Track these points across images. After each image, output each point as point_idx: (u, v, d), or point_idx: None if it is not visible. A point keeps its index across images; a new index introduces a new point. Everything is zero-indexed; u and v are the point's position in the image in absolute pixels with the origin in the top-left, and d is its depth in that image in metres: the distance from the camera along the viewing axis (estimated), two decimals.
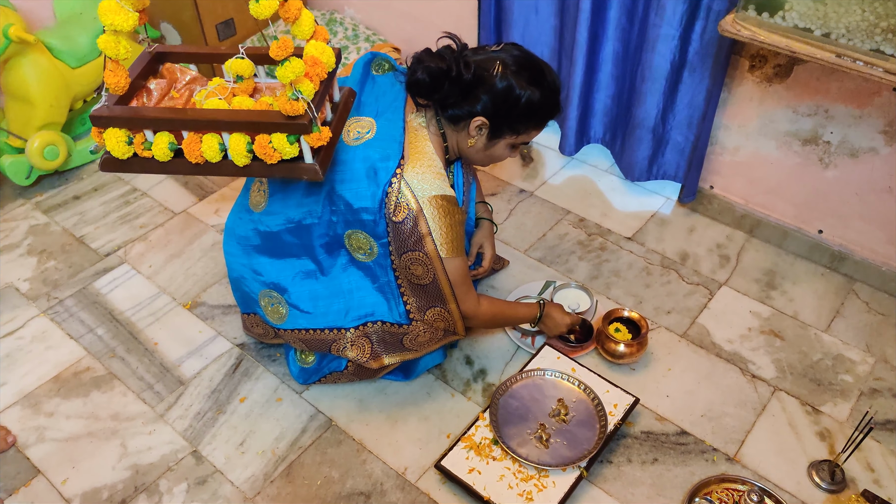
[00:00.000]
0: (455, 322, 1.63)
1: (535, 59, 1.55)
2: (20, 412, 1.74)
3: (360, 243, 1.55)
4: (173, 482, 1.61)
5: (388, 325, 1.62)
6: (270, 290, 1.66)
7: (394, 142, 1.51)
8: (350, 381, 1.78)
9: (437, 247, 1.50)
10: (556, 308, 1.82)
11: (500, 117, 1.52)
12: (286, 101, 1.29)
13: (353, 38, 2.67)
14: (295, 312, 1.65)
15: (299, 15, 1.32)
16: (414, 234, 1.48)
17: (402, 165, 1.48)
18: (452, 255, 1.53)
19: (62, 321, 1.96)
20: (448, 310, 1.60)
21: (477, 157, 1.64)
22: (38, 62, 2.20)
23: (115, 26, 1.26)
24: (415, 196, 1.47)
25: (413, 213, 1.47)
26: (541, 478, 1.56)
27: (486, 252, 1.90)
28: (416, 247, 1.50)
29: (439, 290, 1.57)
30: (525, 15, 2.23)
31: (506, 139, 1.58)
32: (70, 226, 2.25)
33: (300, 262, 1.64)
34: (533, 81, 1.50)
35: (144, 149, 1.39)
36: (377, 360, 1.66)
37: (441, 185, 1.50)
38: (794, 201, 2.09)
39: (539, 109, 1.54)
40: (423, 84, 1.50)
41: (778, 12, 1.59)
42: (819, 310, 1.99)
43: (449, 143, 1.60)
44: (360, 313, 1.62)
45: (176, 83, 1.53)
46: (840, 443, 1.67)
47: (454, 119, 1.55)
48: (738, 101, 2.02)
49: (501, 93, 1.49)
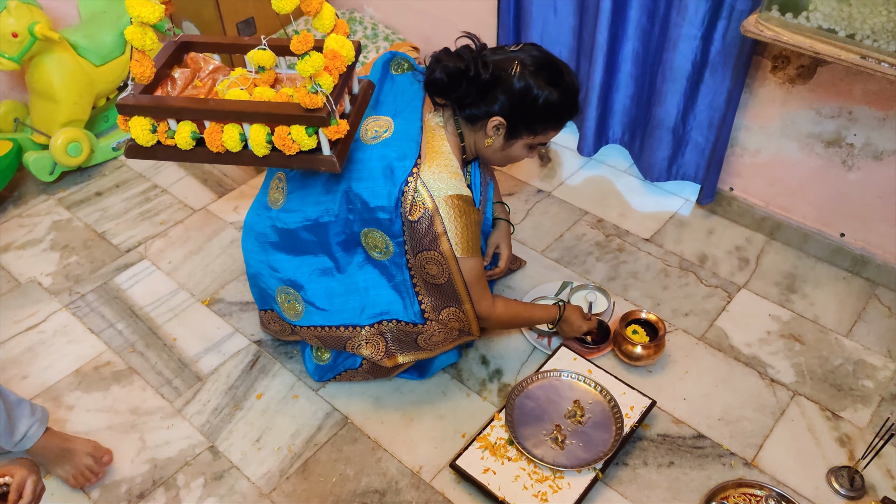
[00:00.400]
0: (470, 322, 1.63)
1: (554, 60, 1.53)
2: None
3: (375, 242, 1.55)
4: (190, 477, 1.63)
5: (403, 324, 1.62)
6: (287, 286, 1.67)
7: (411, 141, 1.51)
8: (365, 379, 1.78)
9: (453, 246, 1.50)
10: (574, 311, 1.81)
11: (518, 117, 1.52)
12: (305, 93, 1.31)
13: (372, 38, 2.68)
14: (311, 309, 1.66)
15: (321, 8, 1.33)
16: (430, 234, 1.49)
17: (419, 165, 1.48)
18: (468, 255, 1.53)
19: (83, 316, 1.98)
20: (463, 310, 1.60)
21: (494, 158, 1.63)
22: (62, 60, 2.23)
23: (142, 18, 1.29)
24: (431, 195, 1.47)
25: (429, 213, 1.47)
26: (556, 479, 1.56)
27: (503, 252, 1.89)
28: (431, 246, 1.50)
29: (454, 290, 1.57)
30: (544, 14, 2.22)
31: (523, 139, 1.57)
32: (92, 221, 2.28)
33: (317, 260, 1.65)
34: (551, 82, 1.49)
35: (168, 137, 1.43)
36: (391, 359, 1.66)
37: (457, 184, 1.50)
38: (816, 204, 2.06)
39: (557, 110, 1.53)
40: (440, 83, 1.50)
41: (802, 13, 1.57)
42: (840, 314, 1.96)
43: (466, 142, 1.60)
44: (375, 311, 1.63)
45: (199, 72, 1.56)
46: (860, 449, 1.65)
47: (472, 119, 1.55)
48: (759, 102, 2.00)
49: (519, 93, 1.48)
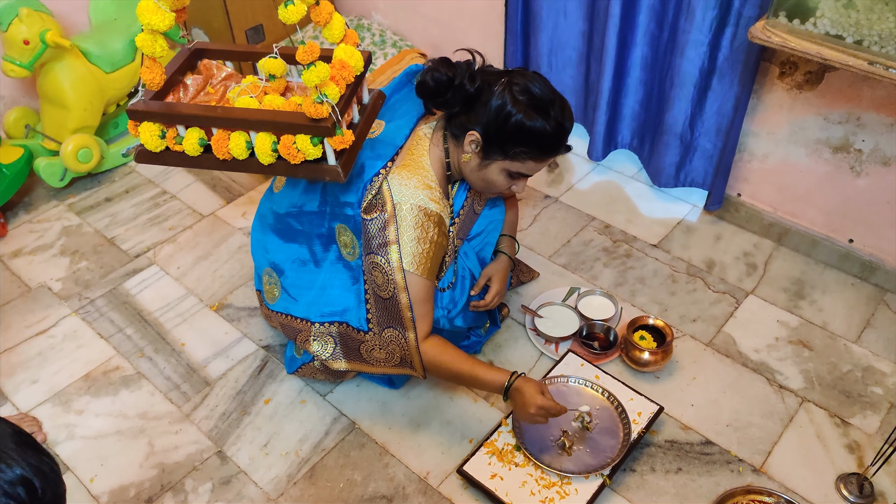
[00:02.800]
0: (412, 356, 1.55)
1: (549, 92, 1.47)
2: (51, 409, 1.78)
3: (345, 240, 1.57)
4: (198, 481, 1.63)
5: (351, 329, 1.62)
6: (271, 269, 1.73)
7: (390, 145, 1.53)
8: (325, 378, 1.80)
9: (402, 259, 1.47)
10: (531, 384, 1.52)
11: (491, 135, 1.47)
12: (311, 103, 1.32)
13: (380, 44, 2.69)
14: (285, 295, 1.71)
15: (330, 19, 1.34)
16: (379, 237, 1.48)
17: (389, 167, 1.50)
18: (414, 271, 1.49)
19: (93, 321, 2.00)
20: (405, 338, 1.54)
21: (472, 178, 1.57)
22: (73, 67, 2.25)
23: (153, 26, 1.31)
24: (392, 199, 1.47)
25: (385, 216, 1.47)
26: (563, 485, 1.56)
27: (493, 287, 1.72)
28: (378, 251, 1.49)
29: (398, 310, 1.51)
30: (554, 19, 2.22)
31: (498, 162, 1.50)
32: (102, 227, 2.30)
33: (300, 250, 1.69)
34: (534, 107, 1.44)
35: (176, 143, 1.45)
36: (336, 362, 1.66)
37: (424, 196, 1.49)
38: (824, 210, 2.06)
39: (533, 138, 1.45)
40: (426, 87, 1.50)
41: (809, 19, 1.57)
42: (849, 320, 1.95)
43: (451, 158, 1.57)
44: (329, 310, 1.64)
45: (212, 79, 1.57)
46: (869, 456, 1.64)
47: (456, 133, 1.54)
48: (767, 108, 2.00)
49: (495, 109, 1.45)
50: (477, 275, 1.72)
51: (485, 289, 1.73)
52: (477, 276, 1.72)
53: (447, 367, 1.55)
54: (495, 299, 1.73)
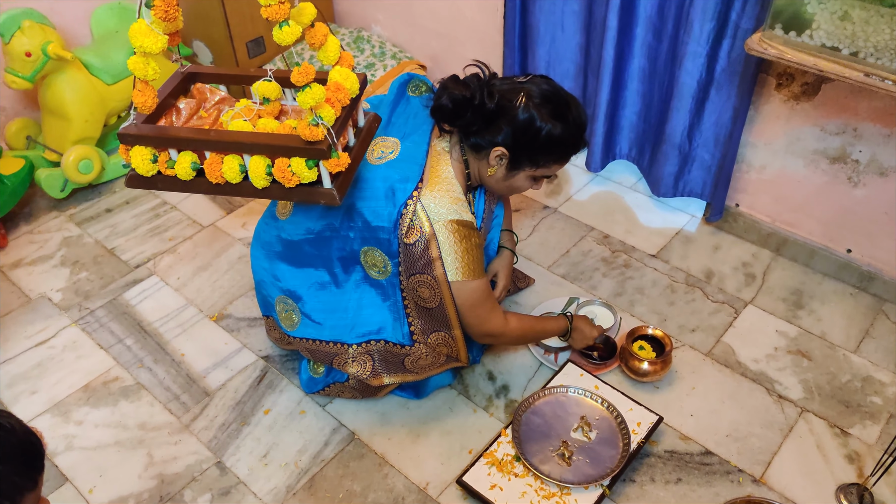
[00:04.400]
0: (458, 349, 1.64)
1: (562, 94, 1.53)
2: (50, 420, 1.78)
3: (375, 261, 1.56)
4: (198, 492, 1.63)
5: (392, 345, 1.62)
6: (286, 296, 1.70)
7: (415, 164, 1.52)
8: (353, 396, 1.78)
9: (449, 272, 1.50)
10: (583, 320, 1.83)
11: (520, 149, 1.51)
12: (306, 126, 1.30)
13: (379, 56, 2.71)
14: (306, 321, 1.68)
15: (325, 41, 1.33)
16: (424, 257, 1.49)
17: (420, 188, 1.49)
18: (471, 278, 1.53)
19: (93, 331, 2.00)
20: (452, 335, 1.61)
21: (497, 187, 1.62)
22: (74, 78, 2.26)
23: (145, 48, 1.29)
24: (429, 219, 1.47)
25: (425, 237, 1.47)
26: (563, 495, 1.55)
27: (500, 281, 1.85)
28: (424, 269, 1.50)
29: (445, 315, 1.57)
30: (551, 32, 2.24)
31: (526, 171, 1.56)
32: (102, 238, 2.30)
33: (317, 273, 1.66)
34: (556, 115, 1.49)
35: (168, 167, 1.41)
36: (377, 378, 1.65)
37: (457, 209, 1.50)
38: (822, 220, 2.07)
39: (560, 144, 1.52)
40: (446, 110, 1.51)
41: (805, 31, 1.58)
42: (848, 330, 1.96)
43: (471, 170, 1.60)
44: (364, 330, 1.63)
45: (205, 103, 1.56)
46: (869, 466, 1.64)
47: (476, 147, 1.55)
48: (764, 119, 2.01)
49: (522, 124, 1.48)
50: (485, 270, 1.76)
51: (491, 284, 1.81)
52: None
53: (526, 334, 1.77)
54: (502, 293, 1.84)
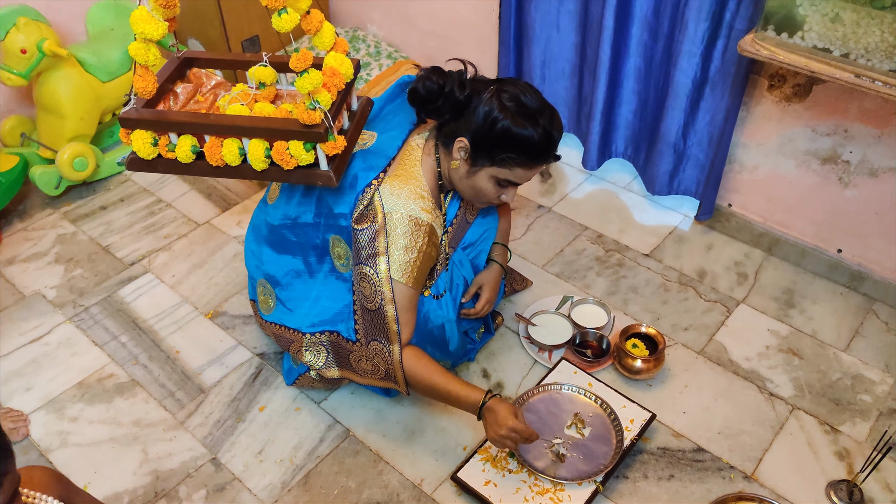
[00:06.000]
0: (395, 370, 1.55)
1: (538, 101, 1.49)
2: (45, 417, 1.78)
3: (339, 251, 1.59)
4: (192, 488, 1.63)
5: (342, 339, 1.64)
6: (266, 280, 1.74)
7: (382, 156, 1.54)
8: (323, 387, 1.80)
9: (391, 267, 1.48)
10: (504, 405, 1.50)
11: (479, 142, 1.50)
12: (304, 110, 1.33)
13: (375, 55, 2.72)
14: (280, 307, 1.72)
15: (321, 27, 1.36)
16: (369, 247, 1.49)
17: (381, 178, 1.51)
18: (406, 283, 1.50)
19: (87, 328, 2.00)
20: (389, 350, 1.53)
21: (461, 186, 1.59)
22: (69, 76, 2.26)
23: (146, 34, 1.32)
24: (383, 210, 1.48)
25: (375, 227, 1.48)
26: (556, 491, 1.57)
27: (483, 295, 1.74)
28: (367, 261, 1.50)
29: (384, 322, 1.51)
30: (546, 32, 2.26)
31: (486, 169, 1.52)
32: (96, 235, 2.30)
33: (294, 261, 1.70)
34: (522, 114, 1.46)
35: (168, 150, 1.45)
36: (329, 370, 1.69)
37: (416, 206, 1.50)
38: (814, 220, 2.09)
39: (520, 145, 1.47)
40: (417, 95, 1.53)
41: (797, 33, 1.60)
42: (838, 329, 1.98)
43: (442, 167, 1.59)
44: (319, 320, 1.65)
45: (201, 87, 1.58)
46: (859, 462, 1.66)
47: (446, 141, 1.56)
48: (756, 120, 2.03)
49: (483, 116, 1.48)
50: (471, 283, 1.74)
51: (476, 296, 1.75)
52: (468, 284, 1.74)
53: (423, 379, 1.54)
54: (486, 307, 1.75)
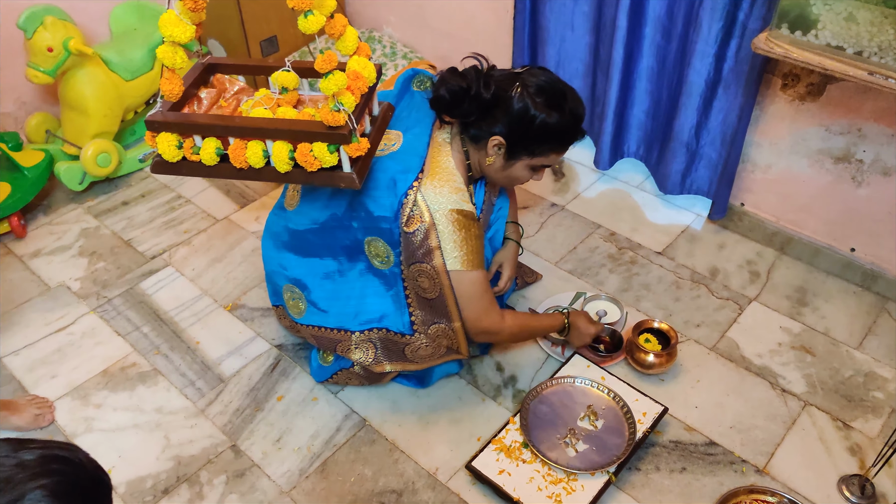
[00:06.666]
0: (459, 341, 1.65)
1: (559, 84, 1.55)
2: (70, 403, 1.82)
3: (378, 251, 1.60)
4: (213, 474, 1.67)
5: (392, 334, 1.66)
6: (293, 285, 1.74)
7: (416, 156, 1.56)
8: (360, 383, 1.82)
9: (448, 261, 1.53)
10: (581, 317, 1.83)
11: (516, 138, 1.54)
12: (328, 111, 1.35)
13: (390, 56, 2.76)
14: (312, 309, 1.72)
15: (344, 31, 1.38)
16: (423, 247, 1.52)
17: (420, 179, 1.53)
18: (468, 268, 1.55)
19: (110, 319, 2.04)
20: (452, 328, 1.62)
21: (497, 177, 1.65)
22: (94, 74, 2.32)
23: (174, 37, 1.34)
24: (429, 209, 1.51)
25: (425, 226, 1.51)
26: (570, 481, 1.59)
27: (504, 273, 1.86)
28: (424, 259, 1.53)
29: (445, 306, 1.59)
30: (560, 32, 2.28)
31: (523, 160, 1.59)
32: (119, 229, 2.35)
33: (322, 263, 1.71)
34: (551, 105, 1.52)
35: (193, 153, 1.46)
36: (379, 365, 1.70)
37: (458, 199, 1.54)
38: (826, 219, 2.10)
39: (556, 133, 1.55)
40: (444, 101, 1.55)
41: (811, 31, 1.62)
42: (851, 327, 1.99)
43: (471, 161, 1.64)
44: (367, 318, 1.67)
45: (225, 93, 1.61)
46: (870, 458, 1.67)
47: (475, 138, 1.59)
48: (770, 119, 2.05)
49: (517, 114, 1.51)
50: (488, 264, 1.80)
51: (497, 275, 1.83)
52: (488, 265, 1.80)
53: (522, 331, 1.77)
54: (507, 284, 1.85)
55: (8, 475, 0.76)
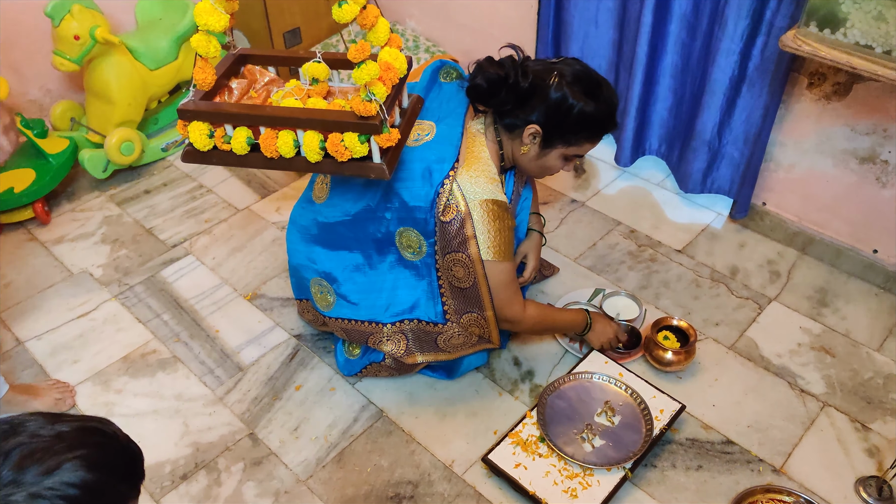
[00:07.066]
0: (490, 330, 1.67)
1: (594, 74, 1.58)
2: (91, 388, 1.85)
3: (410, 241, 1.60)
4: (231, 461, 1.69)
5: (424, 324, 1.67)
6: (321, 278, 1.74)
7: (450, 145, 1.57)
8: (390, 374, 1.83)
9: (482, 250, 1.55)
10: (602, 319, 1.84)
11: (553, 127, 1.56)
12: (360, 101, 1.36)
13: (413, 50, 2.76)
14: (342, 302, 1.72)
15: (376, 22, 1.38)
16: (459, 236, 1.53)
17: (456, 168, 1.54)
18: (499, 259, 1.57)
19: (132, 306, 2.07)
20: (484, 317, 1.64)
21: (530, 167, 1.67)
22: (119, 63, 2.34)
23: (209, 26, 1.35)
24: (465, 198, 1.52)
25: (461, 215, 1.52)
26: (585, 476, 1.59)
27: (529, 263, 1.89)
28: (459, 248, 1.55)
29: (478, 295, 1.61)
30: (584, 28, 2.28)
31: (558, 149, 1.61)
32: (141, 217, 2.38)
33: (352, 256, 1.71)
34: (588, 94, 1.54)
35: (224, 142, 1.48)
36: (411, 357, 1.71)
37: (493, 189, 1.55)
38: (850, 220, 2.08)
39: (592, 122, 1.57)
40: (481, 89, 1.56)
41: (839, 29, 1.61)
42: (872, 329, 1.97)
43: (504, 150, 1.65)
44: (399, 309, 1.68)
45: (255, 84, 1.62)
46: (889, 460, 1.66)
47: (510, 127, 1.60)
48: (794, 118, 2.03)
49: (555, 103, 1.53)
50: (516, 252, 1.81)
51: (522, 265, 1.85)
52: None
53: (543, 324, 1.78)
54: (532, 274, 1.87)
55: (46, 445, 0.80)
